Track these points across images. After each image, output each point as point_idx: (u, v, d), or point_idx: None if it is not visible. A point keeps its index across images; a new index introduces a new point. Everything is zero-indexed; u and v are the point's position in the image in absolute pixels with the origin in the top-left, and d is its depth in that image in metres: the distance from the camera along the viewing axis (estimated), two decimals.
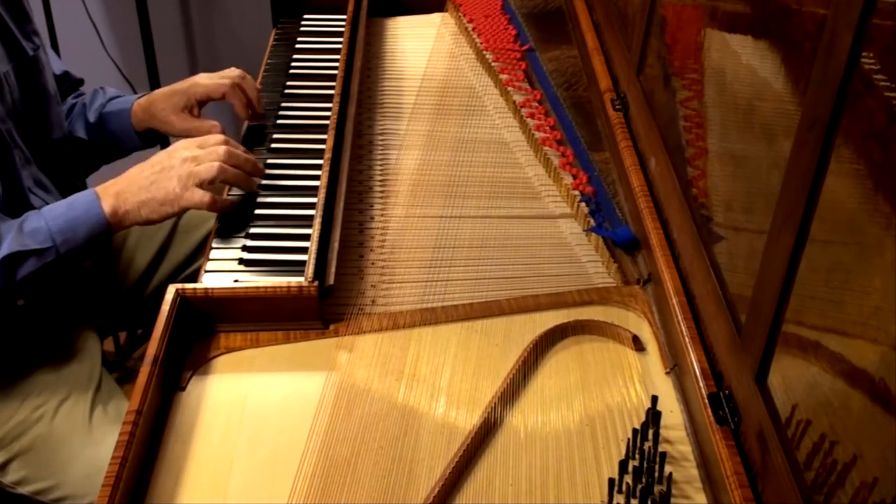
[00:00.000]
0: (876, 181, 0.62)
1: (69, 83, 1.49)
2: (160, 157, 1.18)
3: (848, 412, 0.66)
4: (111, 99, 1.47)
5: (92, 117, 1.44)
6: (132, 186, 1.17)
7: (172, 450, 0.93)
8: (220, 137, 1.22)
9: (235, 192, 1.26)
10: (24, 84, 1.30)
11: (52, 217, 1.15)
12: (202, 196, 1.16)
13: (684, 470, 0.91)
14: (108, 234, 1.17)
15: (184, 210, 1.18)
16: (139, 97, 1.44)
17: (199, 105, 1.40)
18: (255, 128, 1.42)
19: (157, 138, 1.49)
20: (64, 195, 1.27)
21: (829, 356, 0.69)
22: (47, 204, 1.23)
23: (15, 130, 1.27)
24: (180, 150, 1.19)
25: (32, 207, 1.24)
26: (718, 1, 1.01)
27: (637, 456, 0.90)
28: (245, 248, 1.16)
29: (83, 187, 1.45)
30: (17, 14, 1.32)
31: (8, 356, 1.28)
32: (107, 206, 1.16)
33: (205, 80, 1.39)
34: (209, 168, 1.16)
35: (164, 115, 1.39)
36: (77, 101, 1.47)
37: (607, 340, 1.07)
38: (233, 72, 1.40)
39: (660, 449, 0.90)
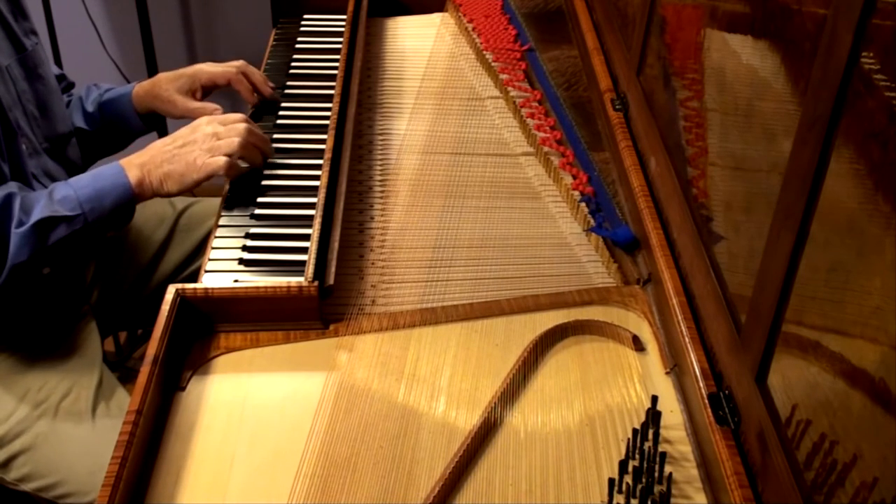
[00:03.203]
0: (876, 181, 0.62)
1: (65, 84, 1.51)
2: (183, 132, 1.24)
3: (848, 412, 0.66)
4: (107, 90, 1.50)
5: (90, 108, 1.47)
6: (156, 159, 1.22)
7: (172, 450, 0.93)
8: (241, 115, 1.28)
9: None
10: (28, 77, 1.32)
11: (79, 186, 1.19)
12: (217, 162, 1.21)
13: (684, 470, 0.91)
14: (132, 203, 1.22)
15: (204, 179, 1.22)
16: (138, 83, 1.48)
17: (203, 91, 1.46)
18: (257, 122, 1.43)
19: (157, 122, 1.52)
20: None
21: (829, 356, 0.69)
22: None
23: (22, 121, 1.28)
24: (203, 125, 1.25)
25: None
26: (718, 1, 1.01)
27: (637, 456, 0.90)
28: (245, 248, 1.16)
29: None
30: (17, 11, 1.34)
31: (10, 351, 1.29)
32: (132, 176, 1.20)
33: (210, 67, 1.46)
34: (230, 143, 1.22)
35: (168, 95, 1.44)
36: (72, 98, 1.49)
37: (607, 340, 1.07)
38: (237, 61, 1.47)
39: (660, 449, 0.90)
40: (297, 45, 1.66)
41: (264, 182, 1.27)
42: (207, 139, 1.22)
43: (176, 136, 1.24)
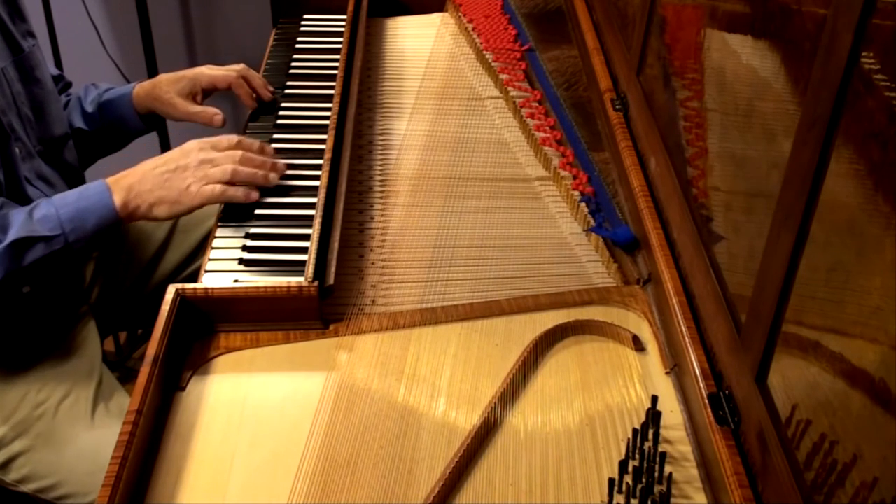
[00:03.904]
0: (876, 181, 0.62)
1: (62, 83, 1.51)
2: (174, 156, 1.20)
3: (848, 412, 0.66)
4: (107, 90, 1.49)
5: (90, 108, 1.47)
6: (145, 182, 1.18)
7: (172, 450, 0.93)
8: (235, 138, 1.24)
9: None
10: (24, 79, 1.31)
11: (62, 205, 1.16)
12: (212, 190, 1.18)
13: (684, 470, 0.91)
14: (116, 225, 1.18)
15: (197, 207, 1.19)
16: (138, 83, 1.47)
17: (204, 94, 1.45)
18: (255, 128, 1.42)
19: (157, 123, 1.51)
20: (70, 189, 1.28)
21: (829, 356, 0.69)
22: (48, 197, 1.24)
23: (16, 123, 1.28)
24: (195, 150, 1.20)
25: (29, 199, 1.25)
26: (718, 1, 1.01)
27: (637, 456, 0.90)
28: (245, 248, 1.16)
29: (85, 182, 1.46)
30: (15, 13, 1.33)
31: (9, 352, 1.28)
32: (118, 198, 1.17)
33: (211, 71, 1.45)
34: (224, 171, 1.18)
35: (169, 97, 1.43)
36: (70, 98, 1.49)
37: (607, 340, 1.07)
38: (238, 65, 1.46)
39: (660, 449, 0.90)
40: (297, 45, 1.66)
41: None
42: (201, 165, 1.18)
43: (167, 159, 1.19)
